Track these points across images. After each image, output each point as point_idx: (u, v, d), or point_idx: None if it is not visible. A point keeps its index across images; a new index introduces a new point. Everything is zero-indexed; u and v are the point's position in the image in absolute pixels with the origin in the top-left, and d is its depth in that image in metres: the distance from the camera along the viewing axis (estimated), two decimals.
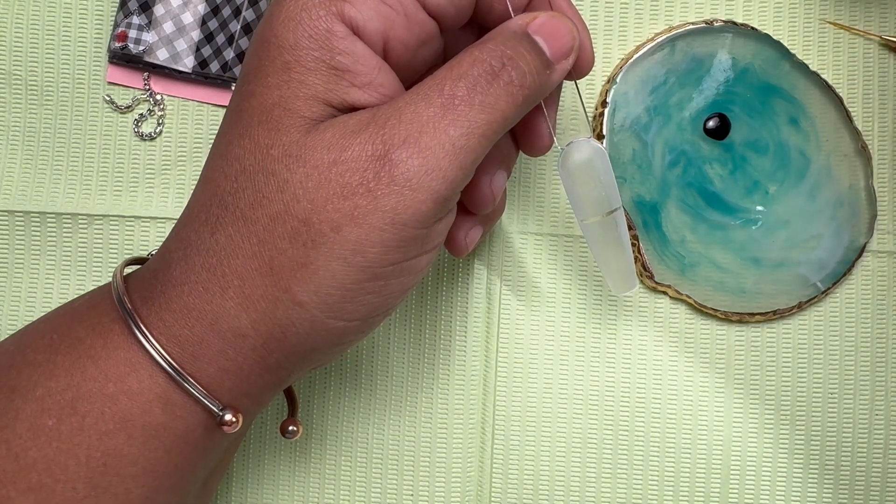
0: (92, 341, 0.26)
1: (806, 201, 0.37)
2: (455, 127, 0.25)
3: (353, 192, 0.25)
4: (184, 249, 0.26)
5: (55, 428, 0.26)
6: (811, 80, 0.37)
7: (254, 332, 0.26)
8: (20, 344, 0.28)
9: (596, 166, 0.29)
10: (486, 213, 0.32)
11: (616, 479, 0.38)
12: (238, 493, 0.38)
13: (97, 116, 0.39)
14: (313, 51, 0.25)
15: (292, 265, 0.25)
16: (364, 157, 0.25)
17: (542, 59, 0.27)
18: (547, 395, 0.38)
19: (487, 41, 0.26)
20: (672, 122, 0.37)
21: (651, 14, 0.39)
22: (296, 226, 0.25)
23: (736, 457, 0.37)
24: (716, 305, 0.37)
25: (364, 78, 0.26)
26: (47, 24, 0.39)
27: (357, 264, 0.25)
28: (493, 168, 0.30)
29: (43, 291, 0.38)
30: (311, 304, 0.25)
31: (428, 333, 0.38)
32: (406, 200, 0.25)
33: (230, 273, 0.26)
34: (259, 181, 0.25)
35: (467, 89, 0.25)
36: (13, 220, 0.38)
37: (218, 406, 0.26)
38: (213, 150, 0.27)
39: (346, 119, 0.25)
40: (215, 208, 0.26)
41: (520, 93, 0.26)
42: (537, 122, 0.30)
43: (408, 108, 0.25)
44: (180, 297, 0.26)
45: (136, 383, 0.26)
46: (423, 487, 0.38)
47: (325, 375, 0.38)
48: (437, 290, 0.38)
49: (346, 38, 0.25)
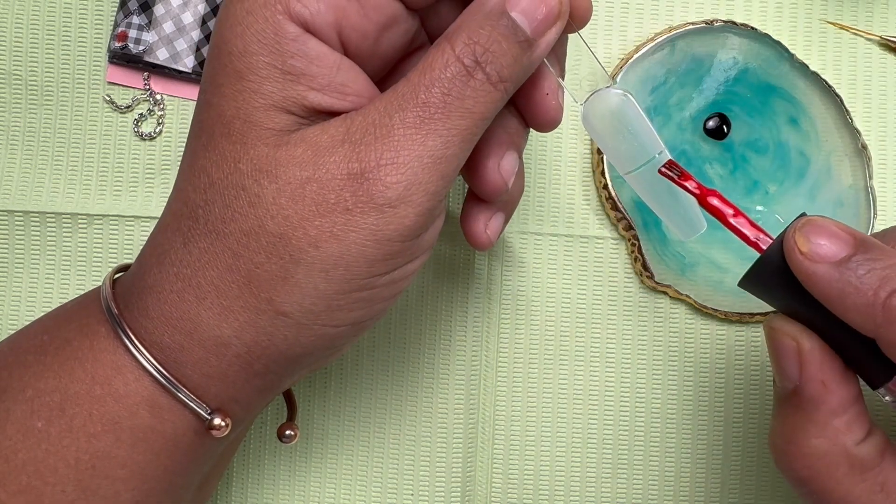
0: (79, 343, 0.26)
1: (806, 201, 0.37)
2: (433, 138, 0.24)
3: (330, 210, 0.24)
4: (157, 256, 0.26)
5: (44, 430, 0.25)
6: (811, 80, 0.37)
7: (237, 341, 0.25)
8: (13, 345, 0.28)
9: (622, 116, 0.27)
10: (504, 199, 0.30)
11: (616, 479, 0.38)
12: (238, 493, 0.38)
13: (97, 116, 0.39)
14: (263, 56, 0.24)
15: (271, 278, 0.24)
16: (340, 175, 0.24)
17: (522, 41, 0.25)
18: (547, 395, 0.38)
19: (460, 30, 0.24)
20: (672, 121, 0.37)
21: (651, 14, 0.39)
22: (271, 240, 0.24)
23: (736, 457, 0.37)
24: (716, 305, 0.37)
25: (322, 80, 0.24)
26: (47, 24, 0.39)
27: (340, 277, 0.24)
28: (500, 151, 0.28)
29: (43, 291, 0.38)
30: (296, 314, 0.25)
31: (428, 333, 0.38)
32: (387, 218, 0.24)
33: (205, 284, 0.25)
34: (229, 195, 0.25)
35: (442, 95, 0.24)
36: (13, 220, 0.38)
37: (206, 410, 0.26)
38: (182, 159, 0.27)
39: (319, 133, 0.24)
40: (186, 219, 0.25)
41: (499, 87, 0.25)
42: (539, 95, 0.27)
43: (382, 122, 0.24)
44: (157, 305, 0.26)
45: (122, 386, 0.26)
46: (423, 487, 0.38)
47: (325, 375, 0.38)
48: (437, 290, 0.38)
49: (297, 38, 0.24)
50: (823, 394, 0.25)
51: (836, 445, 0.25)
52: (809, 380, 0.25)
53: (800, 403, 0.25)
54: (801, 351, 0.25)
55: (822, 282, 0.24)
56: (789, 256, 0.24)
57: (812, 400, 0.25)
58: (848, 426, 0.25)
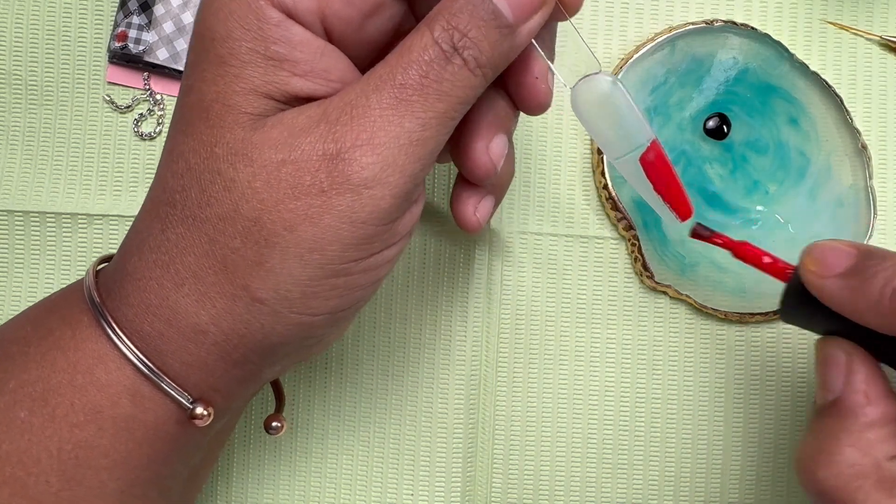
0: (61, 332, 0.26)
1: (806, 201, 0.37)
2: (409, 119, 0.24)
3: (305, 193, 0.24)
4: (137, 243, 0.26)
5: (27, 420, 0.25)
6: (811, 80, 0.37)
7: (214, 329, 0.25)
8: (0, 338, 0.28)
9: (612, 101, 0.27)
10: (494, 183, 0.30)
11: (616, 479, 0.38)
12: (238, 493, 0.38)
13: (97, 116, 0.39)
14: (246, 42, 0.24)
15: (246, 264, 0.24)
16: (315, 157, 0.24)
17: (503, 27, 0.24)
18: (547, 395, 0.38)
19: (439, 14, 0.24)
20: (672, 121, 0.37)
21: (651, 14, 0.39)
22: (246, 225, 0.24)
23: (736, 457, 0.37)
24: (716, 305, 0.37)
25: (305, 66, 0.24)
26: (47, 24, 0.39)
27: (315, 262, 0.24)
28: (489, 133, 0.28)
29: (43, 291, 0.38)
30: (271, 301, 0.25)
31: (428, 332, 0.38)
32: (363, 199, 0.24)
33: (183, 270, 0.25)
34: (205, 180, 0.24)
35: (419, 77, 0.24)
36: (13, 220, 0.38)
37: (188, 399, 0.26)
38: (164, 147, 0.27)
39: (295, 115, 0.24)
40: (164, 206, 0.25)
41: (477, 72, 0.24)
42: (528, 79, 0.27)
43: (358, 103, 0.24)
44: (137, 293, 0.26)
45: (104, 375, 0.26)
46: (423, 487, 0.38)
47: (324, 376, 0.38)
48: (437, 290, 0.38)
49: (280, 24, 0.24)
50: (864, 405, 0.25)
51: (867, 456, 0.25)
52: (853, 391, 0.26)
53: (838, 413, 0.26)
54: (850, 362, 0.26)
55: (834, 293, 0.26)
56: (804, 278, 0.27)
57: (852, 410, 0.26)
58: (882, 440, 0.25)
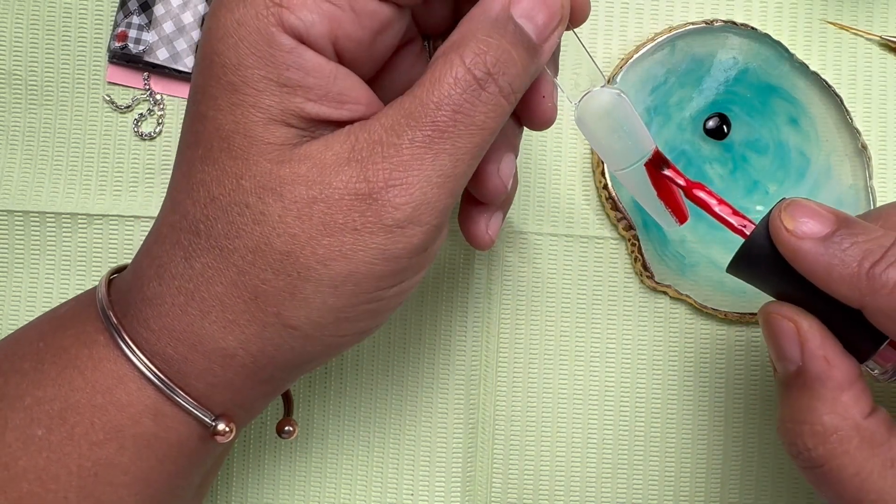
0: (77, 351, 0.26)
1: None
2: (443, 157, 0.24)
3: (338, 231, 0.24)
4: (156, 269, 0.26)
5: (45, 438, 0.25)
6: (811, 80, 0.37)
7: (243, 352, 0.25)
8: (8, 351, 0.28)
9: (616, 115, 0.27)
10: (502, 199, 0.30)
11: (616, 479, 0.38)
12: (238, 492, 0.38)
13: (97, 116, 0.39)
14: (259, 69, 0.23)
15: (279, 294, 0.24)
16: (347, 196, 0.24)
17: (530, 49, 0.24)
18: (547, 395, 0.38)
19: (467, 39, 0.24)
20: (672, 121, 0.37)
21: (651, 14, 0.39)
22: (278, 258, 0.24)
23: (736, 457, 0.37)
24: (716, 305, 0.37)
25: (319, 91, 0.24)
26: (47, 24, 0.39)
27: (349, 292, 0.24)
28: (498, 155, 0.28)
29: (43, 291, 0.38)
30: (304, 327, 0.25)
31: (428, 333, 0.38)
32: (395, 237, 0.24)
33: (209, 298, 0.25)
34: (233, 213, 0.24)
35: (452, 113, 0.23)
36: (13, 220, 0.38)
37: (210, 417, 0.26)
38: (175, 168, 0.26)
39: (322, 150, 0.24)
40: (186, 233, 0.25)
41: (511, 98, 0.24)
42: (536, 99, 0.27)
43: (389, 141, 0.24)
44: (158, 318, 0.25)
45: (124, 395, 0.25)
46: (423, 487, 0.38)
47: (324, 375, 0.38)
48: (437, 290, 0.38)
49: (292, 50, 0.23)
50: (828, 369, 0.25)
51: (846, 420, 0.25)
52: (812, 357, 0.25)
53: (805, 383, 0.26)
54: (801, 330, 0.26)
55: (808, 257, 0.25)
56: (776, 235, 0.25)
57: (818, 377, 0.25)
58: (855, 400, 0.25)
